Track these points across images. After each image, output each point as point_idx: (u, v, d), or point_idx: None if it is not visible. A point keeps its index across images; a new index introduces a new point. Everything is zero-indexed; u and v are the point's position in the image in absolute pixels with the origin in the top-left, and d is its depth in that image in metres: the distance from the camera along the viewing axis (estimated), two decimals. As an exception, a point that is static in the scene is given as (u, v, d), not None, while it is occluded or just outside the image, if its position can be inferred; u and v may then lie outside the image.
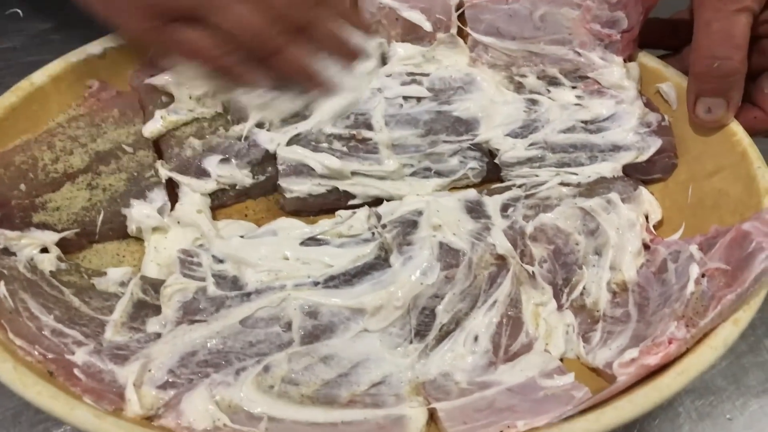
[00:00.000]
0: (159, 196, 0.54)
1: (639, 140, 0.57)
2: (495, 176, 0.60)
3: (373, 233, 0.51)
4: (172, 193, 0.55)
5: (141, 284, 0.48)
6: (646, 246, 0.52)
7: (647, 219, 0.54)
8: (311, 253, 0.49)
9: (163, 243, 0.52)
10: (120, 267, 0.51)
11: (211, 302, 0.46)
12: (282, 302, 0.46)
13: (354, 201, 0.57)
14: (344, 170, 0.56)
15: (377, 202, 0.55)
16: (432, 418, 0.43)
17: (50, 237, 0.50)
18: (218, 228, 0.54)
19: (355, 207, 0.55)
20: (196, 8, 0.50)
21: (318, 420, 0.42)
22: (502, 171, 0.59)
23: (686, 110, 0.56)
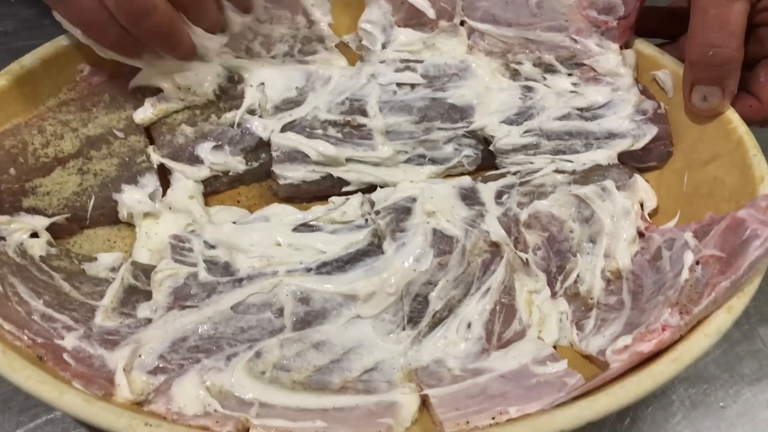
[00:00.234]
0: (150, 182, 0.53)
1: (635, 128, 0.57)
2: (490, 164, 0.59)
3: (367, 220, 0.51)
4: (164, 179, 0.55)
5: (132, 269, 0.48)
6: (641, 234, 0.52)
7: (642, 207, 0.54)
8: (304, 240, 0.49)
9: (155, 229, 0.52)
10: (111, 252, 0.51)
11: (203, 288, 0.46)
12: (274, 288, 0.46)
13: (348, 188, 0.56)
14: (339, 157, 0.55)
15: (371, 189, 0.55)
16: (424, 405, 0.43)
17: (40, 222, 0.50)
18: (210, 214, 0.53)
19: (349, 194, 0.54)
20: None
21: (310, 406, 0.41)
22: (497, 158, 0.58)
23: (682, 98, 0.56)
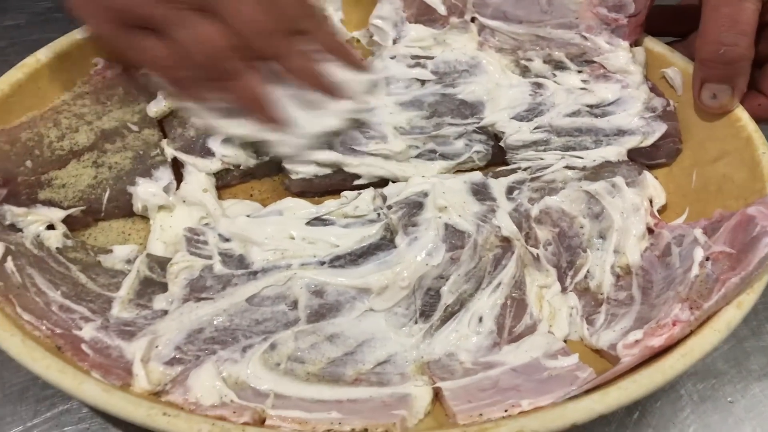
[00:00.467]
0: (165, 175, 0.54)
1: (644, 125, 0.57)
2: (500, 159, 0.60)
3: (379, 214, 0.51)
4: (178, 173, 0.55)
5: (147, 262, 0.49)
6: (650, 230, 0.52)
7: (651, 203, 0.54)
8: (317, 233, 0.50)
9: (169, 221, 0.53)
10: (126, 245, 0.52)
11: (218, 280, 0.47)
12: (288, 281, 0.46)
13: (359, 181, 0.57)
14: (344, 162, 0.56)
15: (382, 183, 0.55)
16: (437, 397, 0.44)
17: (56, 214, 0.51)
18: (224, 207, 0.54)
19: (361, 188, 0.55)
20: (159, 20, 0.49)
21: (324, 397, 0.42)
22: (507, 154, 0.59)
23: (691, 96, 0.56)
